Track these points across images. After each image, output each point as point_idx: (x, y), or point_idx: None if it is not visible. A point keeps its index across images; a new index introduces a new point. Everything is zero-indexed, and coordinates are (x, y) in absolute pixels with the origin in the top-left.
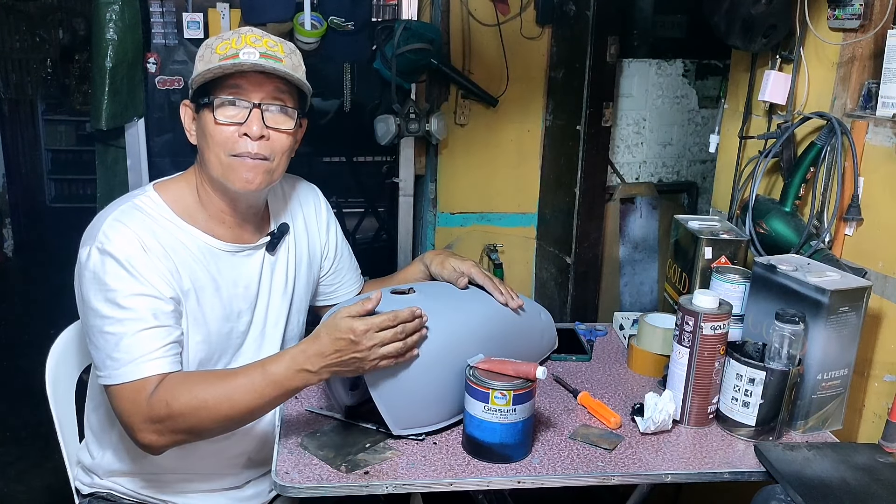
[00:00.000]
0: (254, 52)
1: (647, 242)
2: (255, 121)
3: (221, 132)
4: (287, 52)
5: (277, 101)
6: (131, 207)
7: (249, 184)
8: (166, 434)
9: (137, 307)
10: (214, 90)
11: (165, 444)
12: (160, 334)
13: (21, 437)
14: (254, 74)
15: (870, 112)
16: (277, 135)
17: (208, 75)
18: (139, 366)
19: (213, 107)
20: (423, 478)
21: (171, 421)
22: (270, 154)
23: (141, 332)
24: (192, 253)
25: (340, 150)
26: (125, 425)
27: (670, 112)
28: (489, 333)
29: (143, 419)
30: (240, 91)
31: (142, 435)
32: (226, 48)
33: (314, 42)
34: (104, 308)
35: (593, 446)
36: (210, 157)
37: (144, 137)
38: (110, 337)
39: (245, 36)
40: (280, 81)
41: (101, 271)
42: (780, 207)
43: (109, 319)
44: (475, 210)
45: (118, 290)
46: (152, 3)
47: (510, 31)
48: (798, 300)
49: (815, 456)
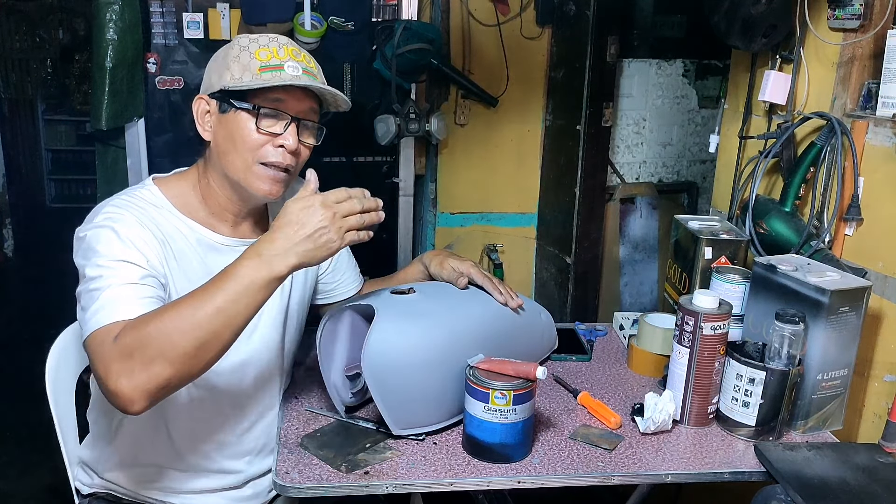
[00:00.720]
0: (297, 66)
1: (647, 242)
2: (291, 134)
3: (256, 140)
4: (318, 67)
5: (312, 118)
6: (131, 198)
7: (270, 195)
8: (138, 371)
9: (121, 267)
10: (255, 97)
11: (140, 386)
12: (141, 289)
13: (21, 437)
14: (295, 89)
15: (870, 112)
16: (304, 149)
17: (258, 81)
18: (112, 311)
19: (259, 114)
20: (423, 478)
21: (140, 351)
22: (296, 166)
23: (120, 286)
24: (189, 244)
25: (340, 150)
26: (98, 379)
27: (670, 112)
28: (489, 333)
29: (112, 358)
30: (282, 104)
31: (112, 382)
32: (267, 56)
33: (314, 42)
34: (93, 271)
35: (593, 446)
36: (234, 159)
37: (144, 137)
38: (93, 293)
39: (286, 48)
40: (315, 100)
41: (95, 240)
42: (780, 207)
43: (95, 279)
44: (475, 210)
45: (107, 255)
46: (152, 3)
47: (510, 31)
48: (798, 300)
49: (815, 456)
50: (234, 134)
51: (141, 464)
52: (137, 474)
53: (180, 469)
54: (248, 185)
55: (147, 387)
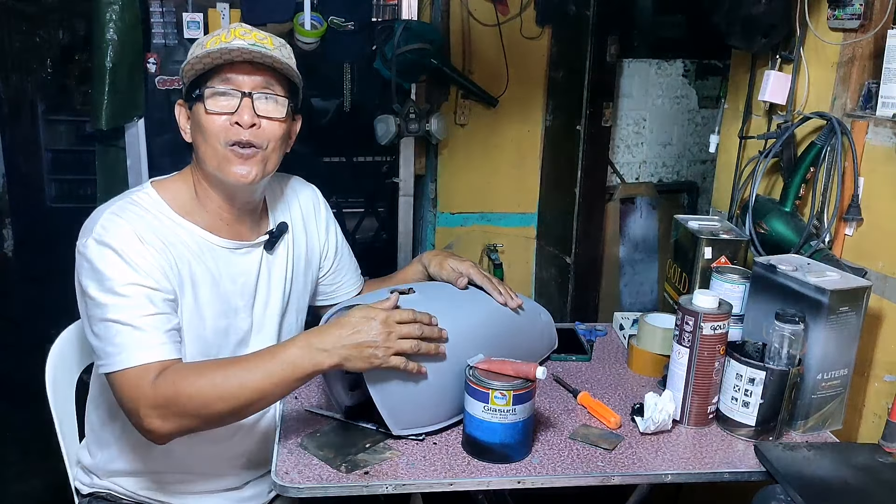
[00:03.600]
0: (243, 43)
1: (647, 242)
2: (245, 110)
3: (213, 122)
4: (277, 45)
5: (267, 90)
6: (129, 203)
7: (244, 178)
8: (171, 418)
9: (135, 295)
10: (205, 82)
11: (170, 430)
12: (160, 321)
13: (21, 437)
14: (243, 65)
15: (870, 112)
16: (269, 123)
17: (198, 65)
18: (142, 351)
19: (204, 98)
20: (423, 478)
21: (178, 403)
22: (263, 142)
23: (141, 318)
24: (189, 248)
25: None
26: (129, 412)
27: (670, 112)
28: (489, 333)
29: (148, 403)
30: (230, 81)
31: (147, 421)
32: (215, 42)
33: (314, 42)
34: (102, 297)
35: (593, 446)
36: (206, 149)
37: (144, 137)
38: (111, 325)
39: (234, 30)
40: (270, 73)
41: (99, 261)
42: (780, 207)
43: (108, 307)
44: (475, 210)
45: (115, 279)
46: (152, 3)
47: (510, 31)
48: (798, 300)
49: (815, 456)
50: (198, 124)
51: (140, 468)
52: (137, 477)
53: (180, 471)
54: (222, 172)
55: (175, 432)
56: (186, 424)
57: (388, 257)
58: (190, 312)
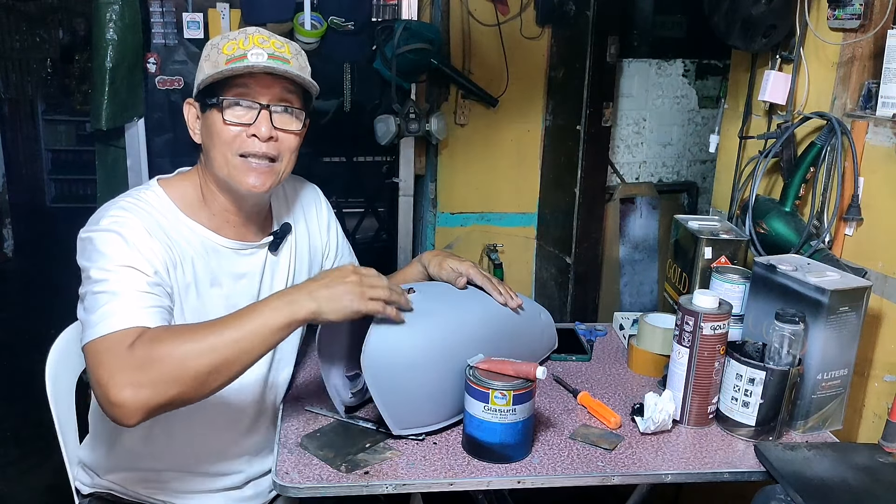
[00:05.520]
0: (262, 53)
1: (647, 242)
2: (263, 122)
3: (229, 132)
4: (294, 52)
5: (285, 103)
6: (137, 200)
7: (257, 188)
8: (145, 386)
9: (131, 274)
10: (222, 90)
11: (143, 402)
12: (150, 298)
13: (21, 437)
14: (262, 76)
15: (870, 112)
16: (285, 136)
17: (217, 76)
18: (123, 318)
19: (223, 107)
20: (423, 478)
21: (153, 366)
22: (278, 154)
23: (131, 292)
24: (194, 247)
25: (340, 150)
26: (98, 384)
27: (670, 112)
28: (489, 333)
29: (121, 367)
30: (248, 92)
31: (115, 391)
32: (233, 48)
33: (314, 42)
34: (98, 273)
35: (593, 446)
36: (217, 156)
37: (144, 137)
38: (100, 296)
39: (252, 36)
40: (288, 83)
41: (102, 244)
42: (780, 207)
43: (101, 282)
44: (475, 210)
45: (114, 258)
46: (152, 3)
47: (510, 31)
48: (798, 300)
49: (815, 456)
50: (211, 131)
51: (141, 467)
52: (137, 477)
53: (180, 471)
54: (232, 179)
55: (149, 403)
56: (162, 392)
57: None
58: (193, 312)
